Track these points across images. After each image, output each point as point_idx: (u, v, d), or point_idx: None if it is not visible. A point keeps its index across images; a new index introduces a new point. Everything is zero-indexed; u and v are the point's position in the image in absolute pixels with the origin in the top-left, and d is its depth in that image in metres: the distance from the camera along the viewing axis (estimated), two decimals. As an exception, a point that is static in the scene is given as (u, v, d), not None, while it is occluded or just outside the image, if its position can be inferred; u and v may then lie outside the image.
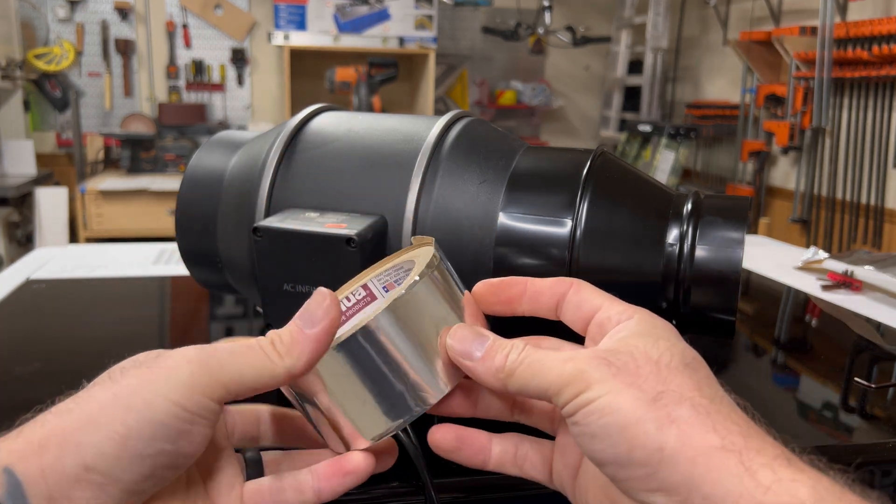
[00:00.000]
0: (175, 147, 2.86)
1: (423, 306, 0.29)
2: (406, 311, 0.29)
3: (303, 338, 0.26)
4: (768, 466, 0.23)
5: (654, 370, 0.26)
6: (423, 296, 0.29)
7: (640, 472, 0.24)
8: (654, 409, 0.24)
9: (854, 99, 2.23)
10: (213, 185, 0.48)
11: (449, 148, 0.42)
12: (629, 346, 0.27)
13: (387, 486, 0.35)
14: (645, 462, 0.24)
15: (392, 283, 0.36)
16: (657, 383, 0.25)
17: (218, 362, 0.25)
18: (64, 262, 0.80)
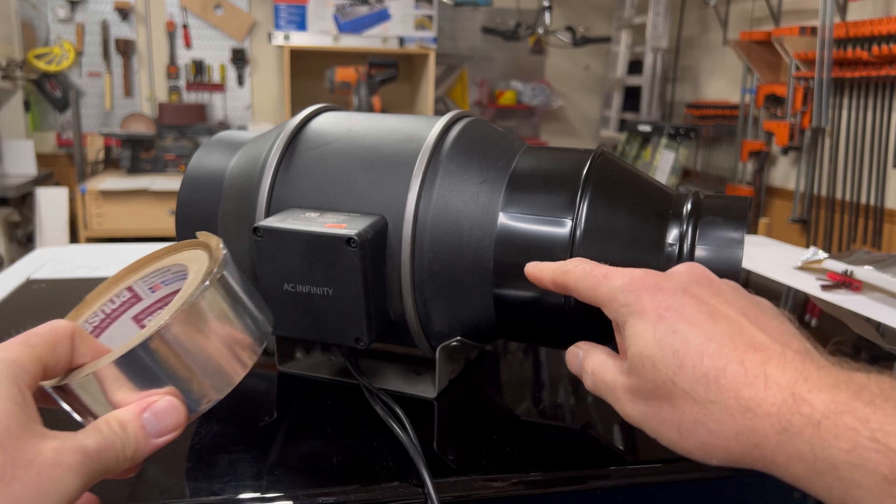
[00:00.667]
0: (175, 147, 2.86)
1: (203, 317, 0.29)
2: (184, 325, 0.28)
3: (146, 444, 0.27)
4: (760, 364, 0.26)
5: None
6: (202, 308, 0.29)
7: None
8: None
9: (854, 99, 2.23)
10: (213, 185, 0.48)
11: (449, 148, 0.42)
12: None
13: (387, 486, 0.35)
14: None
15: (159, 285, 0.35)
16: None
17: (95, 465, 0.25)
18: (64, 262, 0.80)
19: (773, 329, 0.28)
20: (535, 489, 0.37)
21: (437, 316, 0.42)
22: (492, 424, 0.43)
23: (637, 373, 0.29)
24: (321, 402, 0.44)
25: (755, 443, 0.25)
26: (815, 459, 0.23)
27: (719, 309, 0.28)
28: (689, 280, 0.30)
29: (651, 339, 0.28)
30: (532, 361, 0.56)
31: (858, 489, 0.22)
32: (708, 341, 0.27)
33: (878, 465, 0.22)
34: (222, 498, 0.34)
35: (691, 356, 0.27)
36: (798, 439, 0.24)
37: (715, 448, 0.26)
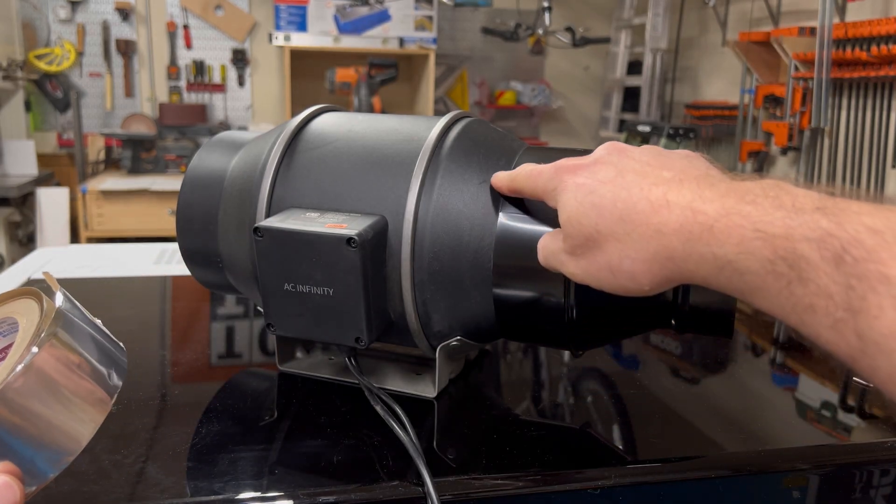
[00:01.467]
0: (176, 147, 2.86)
1: (35, 385, 0.26)
2: (12, 399, 0.26)
3: None
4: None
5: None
6: (33, 376, 0.26)
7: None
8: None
9: (853, 99, 2.23)
10: (213, 185, 0.48)
11: (449, 148, 0.43)
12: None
13: (387, 486, 0.36)
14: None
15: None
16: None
17: None
18: (65, 262, 0.80)
19: (675, 166, 0.32)
20: (535, 488, 0.37)
21: (437, 316, 0.42)
22: (492, 424, 0.43)
23: (569, 234, 0.34)
24: (321, 402, 0.45)
25: (668, 256, 0.29)
26: (715, 258, 0.27)
27: (627, 165, 0.33)
28: (602, 153, 0.35)
29: (574, 203, 0.33)
30: (532, 361, 0.56)
31: (750, 275, 0.26)
32: (619, 189, 0.32)
33: (761, 250, 0.26)
34: (223, 497, 0.34)
35: (607, 205, 0.32)
36: (699, 244, 0.28)
37: (641, 273, 0.31)
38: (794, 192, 0.26)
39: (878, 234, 0.23)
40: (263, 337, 0.59)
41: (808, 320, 0.25)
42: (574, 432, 0.44)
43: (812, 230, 0.24)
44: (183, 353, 0.54)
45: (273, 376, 0.49)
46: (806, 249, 0.24)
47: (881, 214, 0.24)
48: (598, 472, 0.38)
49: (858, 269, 0.23)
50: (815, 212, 0.25)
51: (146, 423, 0.41)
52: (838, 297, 0.23)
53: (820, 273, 0.24)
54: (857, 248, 0.23)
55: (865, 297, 0.22)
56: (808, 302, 0.24)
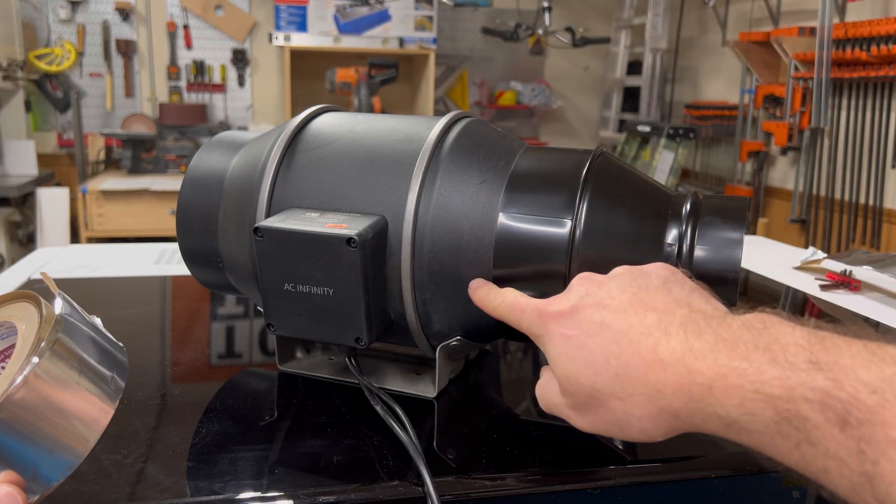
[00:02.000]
0: (176, 147, 2.86)
1: (38, 394, 0.26)
2: (16, 408, 0.26)
3: None
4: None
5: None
6: (36, 385, 0.26)
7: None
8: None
9: (853, 99, 2.23)
10: (214, 185, 0.48)
11: (449, 148, 0.43)
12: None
13: (387, 485, 0.36)
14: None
15: None
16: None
17: None
18: (65, 262, 0.80)
19: (658, 305, 0.32)
20: (534, 488, 0.37)
21: (437, 315, 0.42)
22: (492, 424, 0.43)
23: (568, 392, 0.33)
24: (321, 402, 0.45)
25: (674, 415, 0.29)
26: (720, 417, 0.27)
27: (609, 306, 0.32)
28: (581, 294, 0.34)
29: (565, 359, 0.33)
30: (532, 361, 0.56)
31: (758, 434, 0.26)
32: (608, 344, 0.31)
33: (764, 412, 0.26)
34: (223, 497, 0.34)
35: (600, 362, 0.31)
36: (702, 404, 0.28)
37: (650, 428, 0.31)
38: (784, 340, 0.26)
39: (876, 392, 0.23)
40: (263, 337, 0.59)
41: (825, 480, 0.25)
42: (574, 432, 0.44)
43: (811, 390, 0.24)
44: (183, 353, 0.54)
45: (273, 376, 0.49)
46: (808, 411, 0.24)
47: (875, 367, 0.24)
48: (598, 473, 0.38)
49: (865, 433, 0.23)
50: (811, 368, 0.25)
51: (146, 423, 0.41)
52: (851, 462, 0.23)
53: (827, 436, 0.24)
54: (858, 410, 0.23)
55: (878, 463, 0.23)
56: (822, 464, 0.24)
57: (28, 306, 0.29)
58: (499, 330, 0.43)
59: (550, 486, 0.37)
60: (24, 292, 0.30)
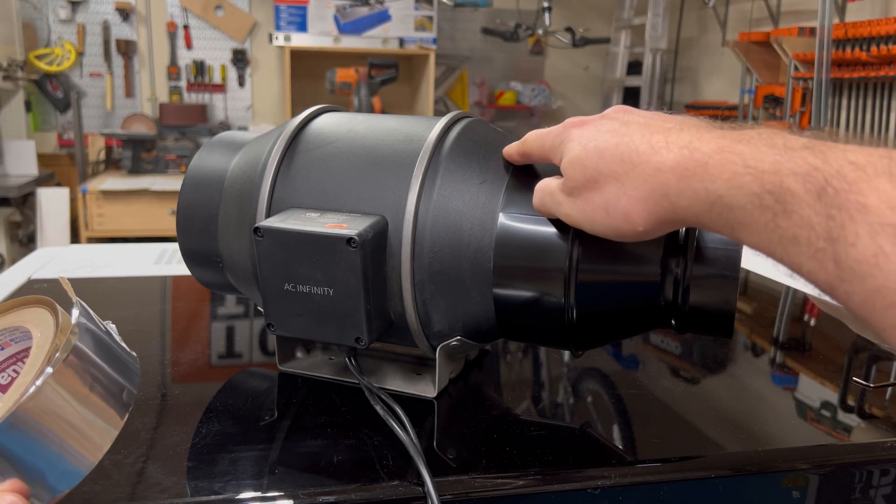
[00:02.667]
0: (176, 147, 2.86)
1: (51, 402, 0.26)
2: (29, 414, 0.26)
3: None
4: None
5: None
6: (50, 393, 0.26)
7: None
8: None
9: (853, 99, 2.23)
10: (214, 185, 0.48)
11: (449, 148, 0.43)
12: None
13: (387, 485, 0.36)
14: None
15: (7, 342, 0.31)
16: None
17: None
18: (65, 262, 0.80)
19: (678, 119, 0.34)
20: (534, 488, 0.37)
21: (437, 316, 0.42)
22: (492, 424, 0.43)
23: (569, 176, 0.35)
24: (321, 402, 0.45)
25: (663, 194, 0.31)
26: (707, 193, 0.29)
27: (632, 119, 0.35)
28: (608, 111, 0.36)
29: (577, 147, 0.35)
30: (532, 361, 0.56)
31: (738, 209, 0.27)
32: (622, 136, 0.33)
33: (750, 185, 0.27)
34: (223, 497, 0.34)
35: (609, 148, 0.33)
36: (693, 180, 0.29)
37: (636, 213, 0.32)
38: (788, 136, 0.28)
39: (859, 168, 0.24)
40: (263, 337, 0.59)
41: (792, 251, 0.26)
42: (574, 432, 0.44)
43: (799, 166, 0.26)
44: (183, 353, 0.54)
45: (273, 376, 0.49)
46: (792, 183, 0.25)
47: (865, 151, 0.25)
48: (598, 472, 0.38)
49: (839, 200, 0.24)
50: (804, 149, 0.26)
51: (146, 423, 0.41)
52: (819, 228, 0.24)
53: (803, 205, 0.25)
54: (838, 181, 0.24)
55: (844, 226, 0.23)
56: (792, 233, 0.25)
57: (44, 312, 0.29)
58: (499, 330, 0.43)
59: (550, 486, 0.37)
60: (40, 298, 0.30)
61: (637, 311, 0.40)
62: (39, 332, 0.28)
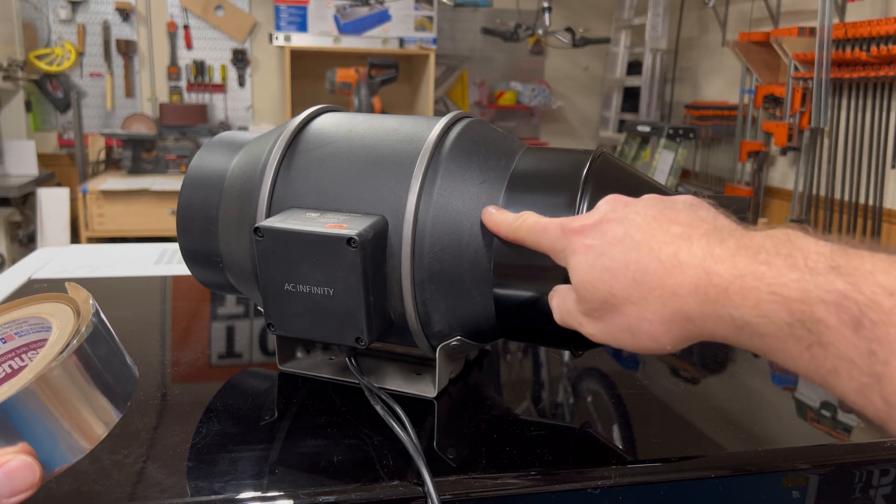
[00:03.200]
0: (176, 147, 2.86)
1: (64, 381, 0.29)
2: (44, 387, 0.28)
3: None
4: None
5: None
6: (64, 373, 0.29)
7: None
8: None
9: (852, 99, 2.23)
10: (214, 185, 0.48)
11: (449, 148, 0.43)
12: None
13: (387, 485, 0.36)
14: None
15: (12, 336, 0.35)
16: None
17: None
18: (65, 262, 0.80)
19: (682, 221, 0.32)
20: (534, 488, 0.37)
21: (437, 316, 0.42)
22: (492, 424, 0.43)
23: (584, 298, 0.34)
24: (321, 402, 0.45)
25: (686, 317, 0.29)
26: (733, 319, 0.27)
27: (633, 220, 0.33)
28: (607, 210, 0.34)
29: (585, 266, 0.33)
30: (532, 361, 0.56)
31: (769, 337, 0.26)
32: (629, 251, 0.31)
33: (778, 314, 0.26)
34: (223, 497, 0.34)
35: (619, 267, 0.32)
36: (716, 306, 0.28)
37: (661, 334, 0.31)
38: (806, 249, 0.26)
39: (894, 295, 0.23)
40: (263, 337, 0.59)
41: (833, 382, 0.24)
42: (574, 432, 0.44)
43: (828, 292, 0.24)
44: (183, 353, 0.54)
45: (273, 376, 0.49)
46: (823, 313, 0.24)
47: (895, 273, 0.23)
48: (598, 472, 0.38)
49: (878, 333, 0.23)
50: (830, 272, 0.25)
51: (146, 423, 0.41)
52: (861, 363, 0.23)
53: (839, 337, 0.24)
54: (874, 311, 0.23)
55: (888, 363, 0.22)
56: (831, 366, 0.24)
57: (61, 306, 0.33)
58: (499, 330, 0.43)
59: (550, 486, 0.37)
60: (61, 294, 0.33)
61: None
62: (58, 319, 0.31)
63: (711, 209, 0.33)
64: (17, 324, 0.34)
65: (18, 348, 0.35)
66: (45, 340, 0.33)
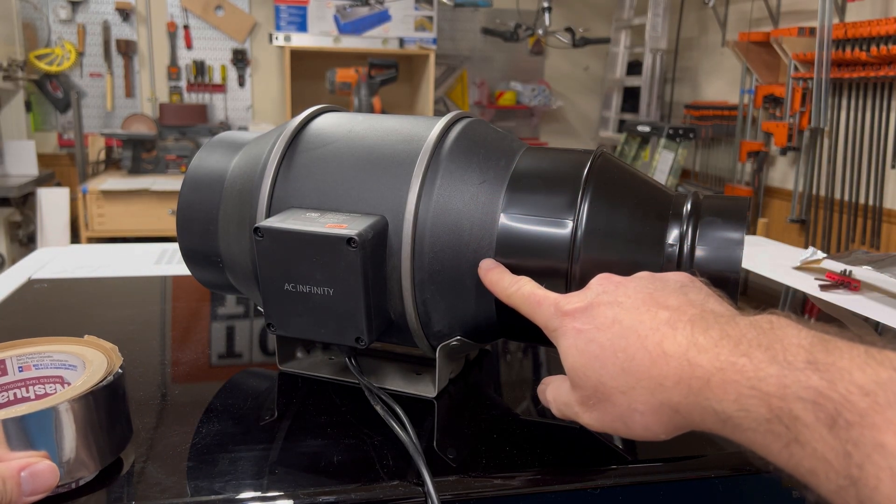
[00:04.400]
0: (176, 147, 2.86)
1: (97, 404, 0.33)
2: (84, 405, 0.33)
3: (18, 501, 0.31)
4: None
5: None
6: (100, 397, 0.34)
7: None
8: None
9: (852, 99, 2.23)
10: (214, 185, 0.48)
11: (449, 148, 0.43)
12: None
13: (387, 485, 0.36)
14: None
15: (29, 366, 0.38)
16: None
17: None
18: (65, 262, 0.80)
19: (671, 305, 0.32)
20: (534, 488, 0.37)
21: (437, 315, 0.42)
22: (492, 424, 0.43)
23: (577, 385, 0.33)
24: (321, 402, 0.45)
25: (674, 409, 0.29)
26: (716, 413, 0.27)
27: (624, 303, 0.33)
28: (598, 291, 0.34)
29: (575, 352, 0.33)
30: (532, 361, 0.56)
31: (750, 432, 0.26)
32: (617, 339, 0.31)
33: (758, 409, 0.26)
34: (223, 497, 0.34)
35: (608, 356, 0.31)
36: (700, 398, 0.28)
37: (652, 424, 0.31)
38: (787, 340, 0.26)
39: (869, 395, 0.23)
40: (263, 337, 0.59)
41: (813, 482, 0.24)
42: (574, 432, 0.44)
43: (804, 389, 0.24)
44: (183, 353, 0.54)
45: (273, 376, 0.49)
46: (800, 410, 0.24)
47: (871, 370, 0.23)
48: (598, 472, 0.38)
49: (853, 435, 0.22)
50: (807, 367, 0.25)
51: (146, 423, 0.41)
52: (837, 464, 0.23)
53: (816, 436, 0.24)
54: (849, 412, 0.23)
55: (863, 467, 0.22)
56: (809, 465, 0.24)
57: (97, 352, 0.38)
58: (499, 330, 0.43)
59: (550, 486, 0.37)
60: (90, 341, 0.39)
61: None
62: (93, 358, 0.37)
63: (703, 290, 0.33)
64: (39, 356, 0.38)
65: (30, 379, 0.38)
66: (60, 378, 0.36)
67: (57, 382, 0.39)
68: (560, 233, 0.40)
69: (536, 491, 0.37)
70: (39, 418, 0.31)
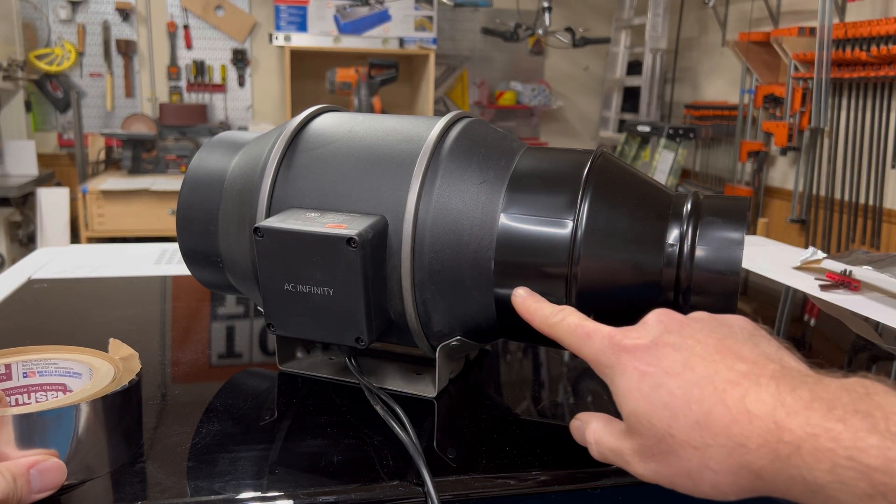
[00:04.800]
0: (176, 147, 2.86)
1: (109, 409, 0.34)
2: (97, 408, 0.33)
3: (27, 497, 0.31)
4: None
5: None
6: (113, 401, 0.34)
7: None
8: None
9: (852, 99, 2.23)
10: (214, 185, 0.48)
11: (449, 148, 0.43)
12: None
13: (387, 485, 0.36)
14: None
15: (34, 372, 0.38)
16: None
17: None
18: (65, 262, 0.80)
19: (747, 356, 0.29)
20: (534, 488, 0.37)
21: (437, 315, 0.42)
22: (492, 424, 0.43)
23: (637, 432, 0.30)
24: (321, 402, 0.45)
25: (756, 473, 0.27)
26: (806, 482, 0.25)
27: (693, 350, 0.30)
28: (661, 331, 0.31)
29: (639, 397, 0.30)
30: (532, 361, 0.56)
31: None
32: (691, 388, 0.28)
33: (857, 483, 0.24)
34: (223, 497, 0.34)
35: (680, 406, 0.28)
36: (788, 464, 0.25)
37: (726, 485, 0.28)
38: (886, 407, 0.24)
39: None
40: (263, 337, 0.59)
41: None
42: (574, 432, 0.44)
43: None
44: (183, 353, 0.54)
45: (273, 376, 0.49)
46: None
47: None
48: (598, 473, 0.38)
49: None
50: None
51: (146, 423, 0.41)
52: None
53: None
54: None
55: None
56: None
57: (105, 363, 0.38)
58: (499, 330, 0.43)
59: (550, 486, 0.37)
60: (101, 352, 0.39)
61: (638, 310, 0.40)
62: (104, 366, 0.37)
63: (773, 341, 0.31)
64: (45, 363, 0.39)
65: (32, 386, 0.38)
66: (63, 385, 0.37)
67: (59, 390, 0.39)
68: (560, 233, 0.40)
69: (536, 491, 0.37)
70: (59, 416, 0.31)
